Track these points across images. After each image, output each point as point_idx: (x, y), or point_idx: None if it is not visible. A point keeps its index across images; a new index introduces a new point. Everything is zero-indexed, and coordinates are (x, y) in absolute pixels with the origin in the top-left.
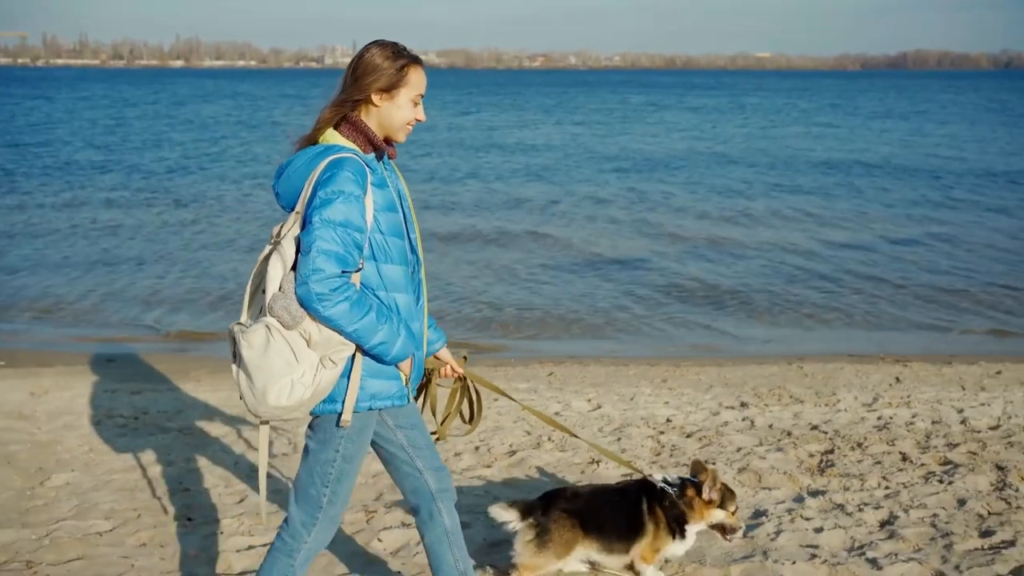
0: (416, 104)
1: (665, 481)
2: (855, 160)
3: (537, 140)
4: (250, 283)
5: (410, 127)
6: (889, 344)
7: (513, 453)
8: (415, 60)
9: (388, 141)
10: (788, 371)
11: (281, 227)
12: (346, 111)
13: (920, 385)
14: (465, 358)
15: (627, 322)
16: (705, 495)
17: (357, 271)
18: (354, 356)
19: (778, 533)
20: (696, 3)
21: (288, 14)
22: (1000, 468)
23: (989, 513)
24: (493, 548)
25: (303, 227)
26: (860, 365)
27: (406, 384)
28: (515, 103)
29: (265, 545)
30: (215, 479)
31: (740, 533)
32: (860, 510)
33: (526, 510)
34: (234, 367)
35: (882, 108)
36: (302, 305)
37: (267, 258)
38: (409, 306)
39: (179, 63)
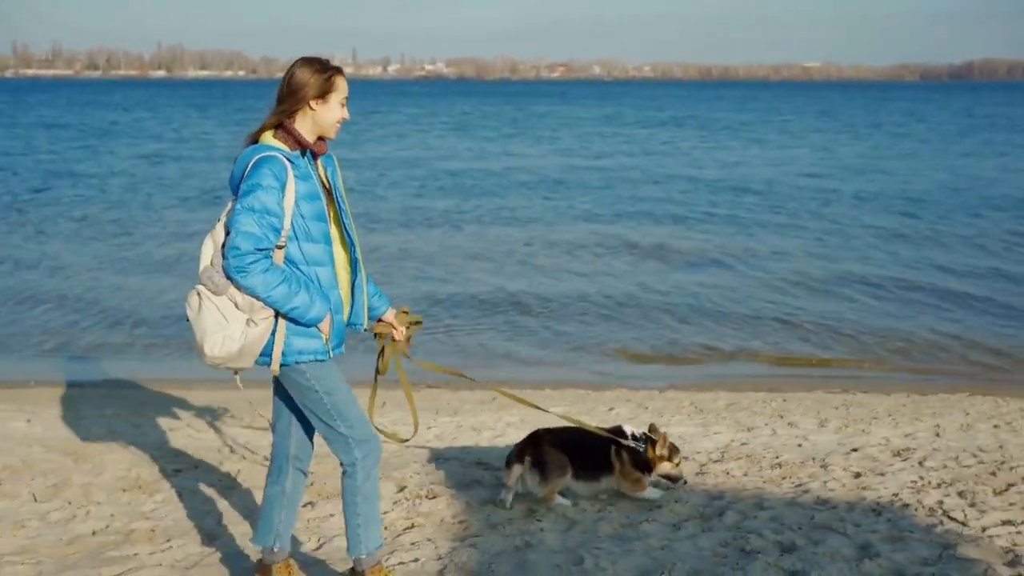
0: (343, 105)
1: (632, 435)
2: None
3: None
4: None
5: (338, 125)
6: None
7: None
8: (338, 70)
9: (321, 139)
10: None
11: (222, 212)
12: (284, 119)
13: (503, 409)
14: (407, 312)
15: None
16: (657, 451)
17: (280, 248)
18: (277, 319)
19: None
20: (736, 9)
21: (281, 21)
22: None
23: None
24: None
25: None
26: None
27: (326, 343)
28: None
29: None
30: None
31: (682, 481)
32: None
33: (519, 456)
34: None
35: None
36: (226, 276)
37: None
38: (329, 278)
39: (160, 73)
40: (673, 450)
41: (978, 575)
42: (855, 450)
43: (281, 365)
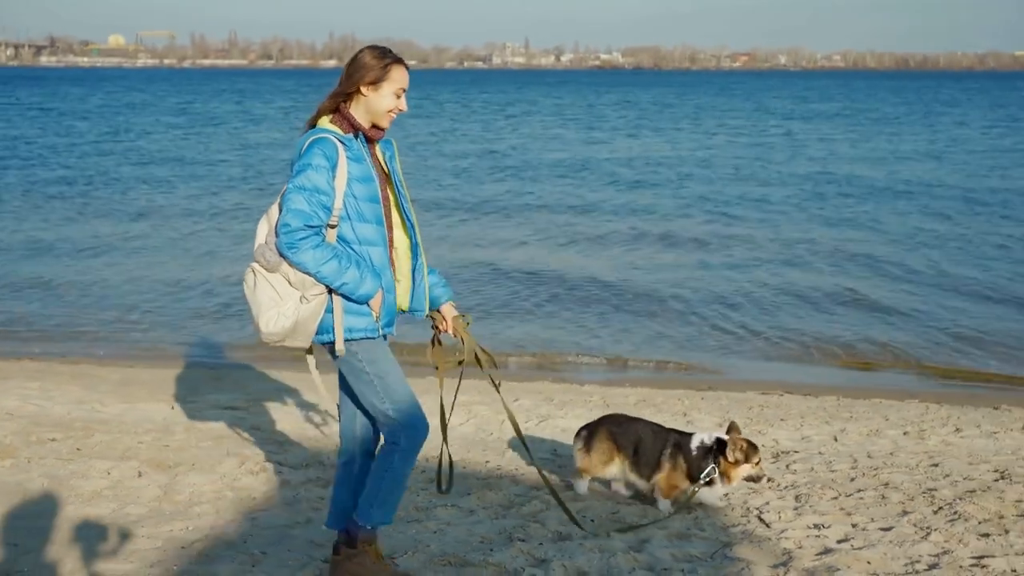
0: (399, 96)
1: (701, 441)
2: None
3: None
4: None
5: (392, 115)
6: None
7: None
8: (398, 60)
9: (376, 126)
10: None
11: (279, 195)
12: (339, 102)
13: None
14: (468, 323)
15: None
16: (730, 457)
17: (332, 227)
18: (332, 297)
19: None
20: None
21: (453, 10)
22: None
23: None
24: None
25: None
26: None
27: (376, 320)
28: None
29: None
30: None
31: (764, 480)
32: None
33: (578, 432)
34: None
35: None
36: (278, 253)
37: None
38: (382, 258)
39: (331, 63)
40: (750, 451)
41: (731, 573)
42: None
43: (332, 343)
